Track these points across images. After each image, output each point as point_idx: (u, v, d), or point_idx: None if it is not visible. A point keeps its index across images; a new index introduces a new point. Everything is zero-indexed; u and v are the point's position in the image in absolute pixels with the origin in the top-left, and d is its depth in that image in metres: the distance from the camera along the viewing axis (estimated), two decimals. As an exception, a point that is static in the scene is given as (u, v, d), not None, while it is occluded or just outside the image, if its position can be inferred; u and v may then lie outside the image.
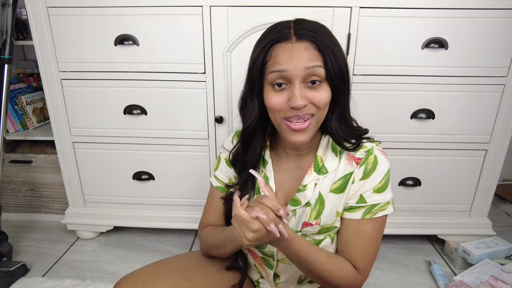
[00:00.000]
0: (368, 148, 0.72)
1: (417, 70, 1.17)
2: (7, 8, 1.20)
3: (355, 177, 0.71)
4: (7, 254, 1.27)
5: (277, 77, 0.64)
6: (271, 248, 0.77)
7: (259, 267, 0.83)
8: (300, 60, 0.62)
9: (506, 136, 1.24)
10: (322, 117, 0.68)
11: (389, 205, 0.72)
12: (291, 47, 0.63)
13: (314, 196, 0.74)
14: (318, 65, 0.63)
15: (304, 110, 0.64)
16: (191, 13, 1.13)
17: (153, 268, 0.83)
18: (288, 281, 0.83)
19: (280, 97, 0.65)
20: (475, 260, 1.24)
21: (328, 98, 0.65)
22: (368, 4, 1.09)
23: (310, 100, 0.64)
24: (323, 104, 0.65)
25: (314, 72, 0.63)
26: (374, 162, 0.71)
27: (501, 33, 1.12)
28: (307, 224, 0.74)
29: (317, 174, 0.73)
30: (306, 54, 0.63)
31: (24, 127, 1.55)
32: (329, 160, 0.73)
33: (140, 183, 1.37)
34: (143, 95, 1.24)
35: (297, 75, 0.63)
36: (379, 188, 0.71)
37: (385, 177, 0.71)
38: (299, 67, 0.62)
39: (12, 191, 1.56)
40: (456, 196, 1.34)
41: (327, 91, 0.65)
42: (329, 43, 0.64)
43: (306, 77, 0.63)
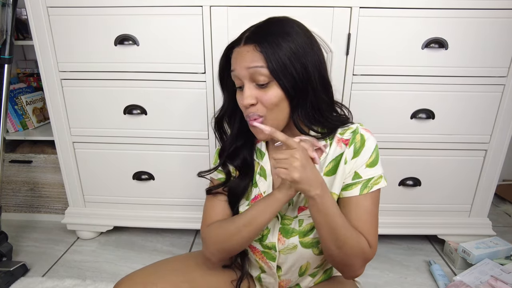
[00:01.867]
0: (354, 128, 0.76)
1: (417, 70, 1.17)
2: (7, 8, 1.20)
3: (347, 157, 0.74)
4: (7, 254, 1.27)
5: (234, 77, 0.71)
6: (272, 240, 0.78)
7: (260, 261, 0.83)
8: (243, 61, 0.68)
9: (506, 136, 1.25)
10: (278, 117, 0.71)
11: (382, 178, 0.75)
12: (239, 50, 0.70)
13: None
14: (259, 66, 0.66)
15: (253, 110, 0.69)
16: (191, 13, 1.13)
17: (153, 269, 0.83)
18: (290, 272, 0.83)
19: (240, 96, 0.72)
20: (475, 260, 1.24)
21: (276, 97, 0.68)
22: (368, 4, 1.09)
23: (259, 100, 0.69)
24: (270, 104, 0.68)
25: (257, 72, 0.67)
26: (361, 140, 0.74)
27: (501, 33, 1.12)
28: (303, 209, 0.76)
29: None
30: (248, 56, 0.68)
31: (24, 127, 1.55)
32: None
33: (140, 183, 1.37)
34: (143, 95, 1.24)
35: (243, 75, 0.68)
36: (370, 162, 0.74)
37: (374, 151, 0.74)
38: (242, 68, 0.68)
39: (12, 191, 1.56)
40: (456, 196, 1.34)
41: (275, 90, 0.68)
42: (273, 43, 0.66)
43: (252, 77, 0.68)
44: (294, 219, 0.77)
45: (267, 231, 0.79)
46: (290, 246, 0.77)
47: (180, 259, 0.89)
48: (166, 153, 1.32)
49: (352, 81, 1.18)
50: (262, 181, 0.81)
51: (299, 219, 0.77)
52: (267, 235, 0.79)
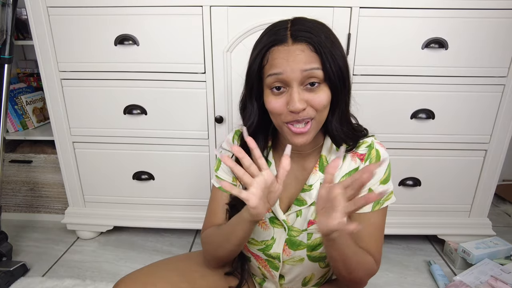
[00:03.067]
0: (369, 143, 0.74)
1: (417, 70, 1.17)
2: (7, 8, 1.20)
3: None
4: (7, 254, 1.27)
5: (275, 80, 0.64)
6: (277, 250, 0.77)
7: (263, 269, 0.83)
8: (297, 63, 0.61)
9: (506, 136, 1.24)
10: (323, 119, 0.68)
11: (392, 194, 0.74)
12: (287, 49, 0.62)
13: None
14: (316, 67, 0.62)
15: (303, 114, 0.64)
16: (191, 13, 1.13)
17: (153, 269, 0.83)
18: (293, 281, 0.83)
19: (280, 101, 0.65)
20: (475, 260, 1.24)
21: (327, 100, 0.65)
22: (368, 4, 1.09)
23: (309, 103, 0.63)
24: (322, 106, 0.64)
25: (312, 74, 0.62)
26: (377, 156, 0.73)
27: (501, 33, 1.12)
28: (313, 222, 0.74)
29: (323, 173, 0.73)
30: (302, 57, 0.62)
31: (24, 127, 1.55)
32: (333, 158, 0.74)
33: (140, 183, 1.37)
34: (143, 95, 1.24)
35: (294, 78, 0.62)
36: (384, 179, 0.73)
37: (387, 168, 0.73)
38: (295, 70, 0.61)
39: (12, 191, 1.56)
40: (456, 196, 1.34)
41: (326, 92, 0.64)
42: (326, 43, 0.63)
43: (303, 80, 0.63)
44: (303, 232, 0.75)
45: (272, 241, 0.77)
46: (297, 258, 0.76)
47: (180, 259, 0.89)
48: (166, 153, 1.32)
49: (352, 81, 1.18)
50: None
51: (308, 233, 0.74)
52: (272, 245, 0.77)
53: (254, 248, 0.79)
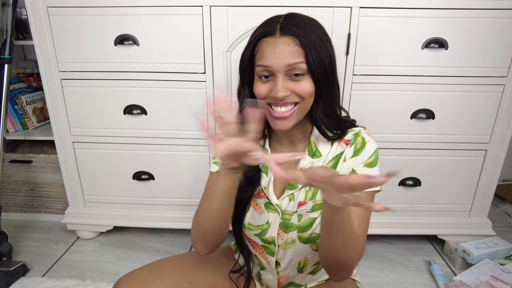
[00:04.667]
0: (356, 131, 0.77)
1: (417, 70, 1.17)
2: (7, 8, 1.20)
3: (346, 155, 0.76)
4: (7, 254, 1.27)
5: (262, 70, 0.69)
6: (272, 234, 0.78)
7: (260, 256, 0.84)
8: (282, 57, 0.67)
9: (506, 136, 1.24)
10: (307, 107, 0.72)
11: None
12: (275, 42, 0.68)
13: None
14: (299, 62, 0.67)
15: (287, 99, 0.69)
16: (191, 13, 1.13)
17: (154, 267, 0.83)
18: (288, 268, 0.83)
19: (265, 86, 0.70)
20: (475, 260, 1.24)
21: (311, 89, 0.69)
22: (368, 4, 1.09)
23: (293, 91, 0.69)
24: (305, 93, 0.69)
25: (296, 67, 0.67)
26: (362, 141, 0.75)
27: (501, 33, 1.12)
28: (302, 204, 0.77)
29: (312, 158, 0.77)
30: (287, 50, 0.67)
31: (24, 127, 1.55)
32: (322, 145, 0.78)
33: (140, 183, 1.37)
34: (143, 95, 1.24)
35: (279, 70, 0.67)
36: (369, 163, 0.74)
37: (374, 154, 0.75)
38: (280, 63, 0.67)
39: (12, 191, 1.56)
40: (456, 196, 1.34)
41: (309, 82, 0.69)
42: (312, 38, 0.68)
43: (288, 72, 0.68)
44: (294, 214, 0.77)
45: (267, 226, 0.79)
46: (289, 240, 0.78)
47: (181, 258, 0.90)
48: (166, 153, 1.32)
49: (352, 81, 1.18)
50: (264, 177, 0.81)
51: (298, 214, 0.77)
52: (267, 230, 0.79)
53: (251, 234, 0.81)
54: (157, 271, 0.82)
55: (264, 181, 0.81)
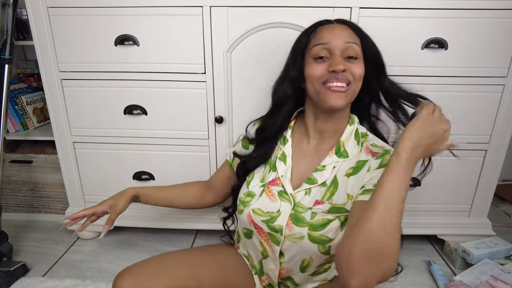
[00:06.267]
0: (386, 148, 0.79)
1: (417, 70, 1.17)
2: (7, 8, 1.20)
3: (371, 166, 0.76)
4: (7, 254, 1.27)
5: (320, 49, 0.76)
6: (281, 223, 0.78)
7: (265, 243, 0.83)
8: (341, 36, 0.75)
9: (506, 136, 1.24)
10: (356, 91, 0.78)
11: None
12: (333, 26, 0.78)
13: (330, 178, 0.78)
14: (355, 42, 0.76)
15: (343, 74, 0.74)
16: (191, 13, 1.13)
17: (159, 261, 0.83)
18: (292, 261, 0.83)
19: (321, 66, 0.76)
20: (475, 260, 1.24)
21: (363, 72, 0.77)
22: (368, 4, 1.10)
23: (349, 69, 0.74)
24: (358, 74, 0.76)
25: (352, 47, 0.75)
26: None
27: (500, 33, 1.12)
28: (319, 203, 0.77)
29: (338, 157, 0.79)
30: (345, 32, 0.77)
31: (25, 127, 1.55)
32: (350, 146, 0.80)
33: (140, 183, 1.37)
34: (143, 95, 1.24)
35: (338, 47, 0.75)
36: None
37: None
38: (339, 40, 0.75)
39: (12, 191, 1.56)
40: (456, 196, 1.34)
41: (362, 65, 0.77)
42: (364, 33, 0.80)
43: (344, 51, 0.75)
44: (308, 209, 0.77)
45: (277, 214, 0.79)
46: (297, 235, 0.77)
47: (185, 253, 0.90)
48: (166, 153, 1.32)
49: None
50: (282, 165, 0.83)
51: (312, 212, 0.77)
52: (277, 218, 0.79)
53: (258, 219, 0.81)
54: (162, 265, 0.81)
55: (281, 169, 0.83)
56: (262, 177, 0.86)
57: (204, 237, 1.49)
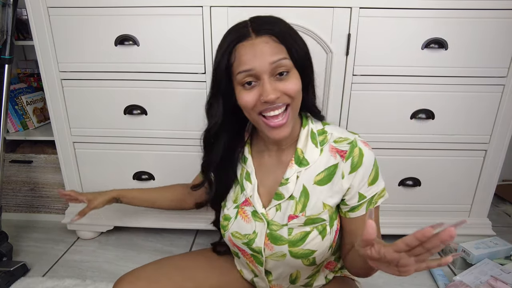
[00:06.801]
0: (351, 139, 0.72)
1: (417, 70, 1.17)
2: (7, 8, 1.20)
3: (344, 172, 0.71)
4: (7, 254, 1.27)
5: (245, 76, 0.65)
6: (259, 244, 0.76)
7: (250, 264, 0.83)
8: (264, 56, 0.63)
9: (506, 136, 1.25)
10: (298, 106, 0.70)
11: (385, 191, 0.75)
12: (252, 44, 0.64)
13: (297, 189, 0.74)
14: (282, 58, 0.64)
15: (278, 101, 0.65)
16: (191, 13, 1.13)
17: (157, 266, 0.83)
18: (280, 278, 0.82)
19: (251, 94, 0.66)
20: (475, 260, 1.24)
21: (299, 85, 0.67)
22: (368, 4, 1.10)
23: (283, 91, 0.65)
24: (294, 91, 0.66)
25: (280, 65, 0.64)
26: (360, 155, 0.71)
27: (500, 33, 1.12)
28: (293, 217, 0.74)
29: (298, 166, 0.74)
30: (268, 49, 0.64)
31: (25, 127, 1.55)
32: (309, 151, 0.73)
33: (140, 183, 1.37)
34: (143, 95, 1.24)
35: (264, 71, 0.64)
36: (372, 180, 0.72)
37: (374, 168, 0.72)
38: (263, 62, 0.63)
39: (12, 191, 1.56)
40: (456, 196, 1.34)
41: (297, 78, 0.67)
42: (287, 32, 0.67)
43: (273, 71, 0.64)
44: (283, 226, 0.74)
45: (254, 235, 0.77)
46: (279, 254, 0.75)
47: (183, 259, 0.90)
48: (166, 153, 1.32)
49: (352, 81, 1.18)
50: (248, 185, 0.79)
51: (289, 228, 0.74)
52: (254, 239, 0.77)
53: (239, 242, 0.79)
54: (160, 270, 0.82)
55: (249, 189, 0.78)
56: (235, 197, 0.81)
57: (204, 237, 1.49)
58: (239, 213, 0.79)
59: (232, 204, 0.81)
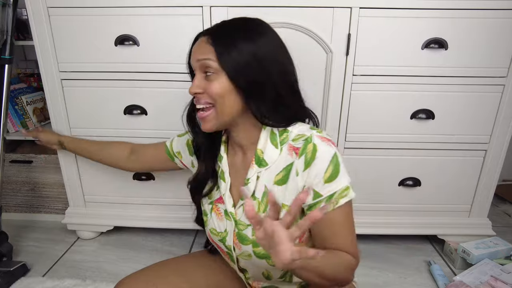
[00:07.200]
0: (307, 136, 0.69)
1: (417, 70, 1.17)
2: (7, 8, 1.20)
3: (298, 169, 0.69)
4: (7, 254, 1.27)
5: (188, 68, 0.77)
6: (229, 243, 0.77)
7: (229, 261, 0.84)
8: (196, 53, 0.70)
9: (506, 136, 1.25)
10: (224, 110, 0.69)
11: (349, 190, 0.68)
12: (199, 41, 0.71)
13: (259, 189, 0.74)
14: (207, 58, 0.67)
15: (200, 98, 0.71)
16: (191, 13, 1.13)
17: (154, 269, 0.84)
18: (255, 275, 0.82)
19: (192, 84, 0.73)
20: (475, 260, 1.24)
21: (221, 89, 0.68)
22: (368, 4, 1.10)
23: (205, 90, 0.69)
24: (215, 94, 0.68)
25: (206, 64, 0.68)
26: (313, 151, 0.67)
27: (501, 33, 1.13)
28: None
29: (259, 167, 0.73)
30: (200, 48, 0.69)
31: (25, 127, 1.55)
32: (268, 152, 0.73)
33: (140, 183, 1.37)
34: (143, 95, 1.24)
35: (195, 66, 0.71)
36: (329, 177, 0.67)
37: (331, 164, 0.67)
38: (194, 59, 0.71)
39: (12, 191, 1.56)
40: (456, 196, 1.34)
41: (220, 83, 0.67)
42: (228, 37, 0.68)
43: (201, 68, 0.69)
44: (248, 226, 0.74)
45: (225, 234, 0.78)
46: (246, 253, 0.76)
47: (180, 260, 0.90)
48: (166, 153, 1.31)
49: (352, 81, 1.18)
50: (222, 183, 0.80)
51: (252, 228, 0.73)
52: (226, 237, 0.78)
53: (216, 239, 0.81)
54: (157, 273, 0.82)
55: (223, 187, 0.79)
56: (210, 194, 0.83)
57: (204, 237, 1.48)
58: (213, 210, 0.81)
59: (207, 199, 0.83)
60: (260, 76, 0.68)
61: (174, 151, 0.98)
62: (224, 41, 0.67)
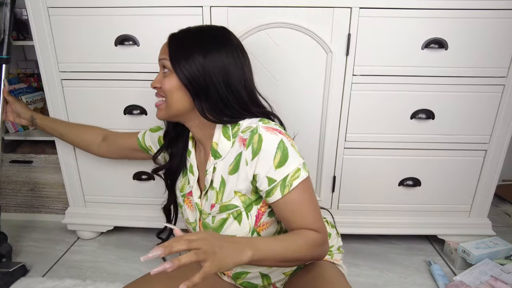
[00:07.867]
0: (253, 127, 0.74)
1: (417, 70, 1.17)
2: (4, 7, 1.19)
3: (246, 158, 0.74)
4: (6, 255, 1.27)
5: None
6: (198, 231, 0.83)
7: None
8: (160, 52, 0.80)
9: (506, 136, 1.25)
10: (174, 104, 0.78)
11: (300, 170, 0.72)
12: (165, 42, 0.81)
13: (217, 180, 0.80)
14: (164, 58, 0.78)
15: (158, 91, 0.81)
16: (191, 14, 1.13)
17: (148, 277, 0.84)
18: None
19: None
20: (475, 260, 1.24)
21: (172, 86, 0.76)
22: (368, 4, 1.10)
23: (161, 85, 0.79)
24: (166, 90, 0.77)
25: (163, 63, 0.78)
26: (258, 141, 0.72)
27: (501, 33, 1.13)
28: (213, 206, 0.80)
29: (214, 159, 0.80)
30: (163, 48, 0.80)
31: (24, 127, 1.55)
32: (222, 144, 0.79)
33: (140, 183, 1.37)
34: (143, 95, 1.24)
35: (160, 64, 0.81)
36: (278, 162, 0.71)
37: (277, 151, 0.71)
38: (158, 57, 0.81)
39: (12, 191, 1.56)
40: (456, 196, 1.34)
41: (171, 80, 0.76)
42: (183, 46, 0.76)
43: (161, 66, 0.80)
44: (209, 215, 0.81)
45: (195, 224, 0.85)
46: None
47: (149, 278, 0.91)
48: (166, 153, 1.32)
49: (352, 81, 1.18)
50: (191, 176, 0.86)
51: (212, 216, 0.80)
52: (196, 227, 0.85)
53: (190, 228, 0.88)
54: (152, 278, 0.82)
55: (192, 180, 0.86)
56: (181, 186, 0.91)
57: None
58: (185, 202, 0.89)
59: (179, 193, 0.91)
60: (204, 83, 0.75)
61: (146, 144, 1.06)
62: (178, 48, 0.76)
